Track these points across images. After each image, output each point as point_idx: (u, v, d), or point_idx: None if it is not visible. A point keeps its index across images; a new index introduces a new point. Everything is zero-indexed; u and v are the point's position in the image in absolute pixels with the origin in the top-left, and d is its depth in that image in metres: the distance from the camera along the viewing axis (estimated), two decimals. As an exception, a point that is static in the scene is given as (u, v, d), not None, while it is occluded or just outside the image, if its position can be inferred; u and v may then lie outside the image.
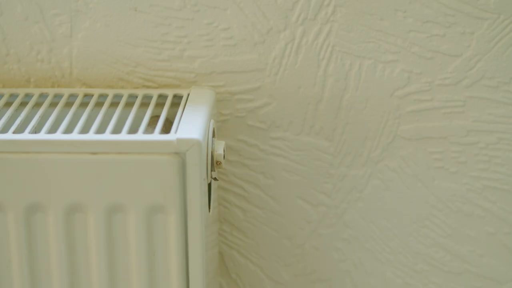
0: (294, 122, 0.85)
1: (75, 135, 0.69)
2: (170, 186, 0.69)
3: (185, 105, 0.76)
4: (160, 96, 0.79)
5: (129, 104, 0.78)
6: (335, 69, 0.83)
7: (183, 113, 0.74)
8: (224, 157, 0.74)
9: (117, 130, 0.72)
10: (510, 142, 0.85)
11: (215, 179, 0.77)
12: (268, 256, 0.90)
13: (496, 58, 0.82)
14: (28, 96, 0.80)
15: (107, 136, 0.69)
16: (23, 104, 0.78)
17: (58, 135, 0.69)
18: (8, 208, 0.70)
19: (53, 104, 0.78)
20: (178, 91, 0.80)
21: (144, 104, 0.78)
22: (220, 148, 0.74)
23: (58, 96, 0.79)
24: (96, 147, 0.68)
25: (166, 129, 0.75)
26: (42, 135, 0.69)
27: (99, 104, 0.78)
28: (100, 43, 0.82)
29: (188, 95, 0.79)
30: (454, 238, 0.89)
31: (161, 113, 0.75)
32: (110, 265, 0.71)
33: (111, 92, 0.79)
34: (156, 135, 0.69)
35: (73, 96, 0.79)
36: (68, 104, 0.78)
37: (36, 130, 0.73)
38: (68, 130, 0.72)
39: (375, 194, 0.87)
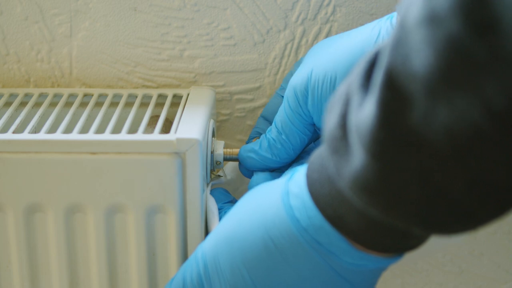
0: (294, 122, 0.85)
1: (74, 135, 0.69)
2: (170, 186, 0.69)
3: (185, 105, 0.76)
4: (160, 96, 0.79)
5: (128, 104, 0.78)
6: (335, 69, 0.83)
7: (183, 113, 0.74)
8: (224, 156, 0.74)
9: (116, 130, 0.72)
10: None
11: (219, 176, 0.77)
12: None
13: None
14: (27, 96, 0.80)
15: (107, 136, 0.69)
16: (22, 104, 0.78)
17: (58, 135, 0.69)
18: (8, 208, 0.70)
19: (52, 104, 0.78)
20: (178, 91, 0.80)
21: (144, 104, 0.78)
22: (220, 148, 0.74)
23: (57, 96, 0.79)
24: (95, 147, 0.68)
25: (166, 129, 0.75)
26: (42, 135, 0.69)
27: (98, 104, 0.78)
28: (100, 43, 0.82)
29: (188, 95, 0.79)
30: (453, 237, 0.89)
31: (161, 113, 0.75)
32: (110, 265, 0.71)
33: (110, 92, 0.79)
34: (156, 135, 0.69)
35: (72, 96, 0.79)
36: (68, 104, 0.78)
37: (36, 130, 0.73)
38: (68, 130, 0.71)
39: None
